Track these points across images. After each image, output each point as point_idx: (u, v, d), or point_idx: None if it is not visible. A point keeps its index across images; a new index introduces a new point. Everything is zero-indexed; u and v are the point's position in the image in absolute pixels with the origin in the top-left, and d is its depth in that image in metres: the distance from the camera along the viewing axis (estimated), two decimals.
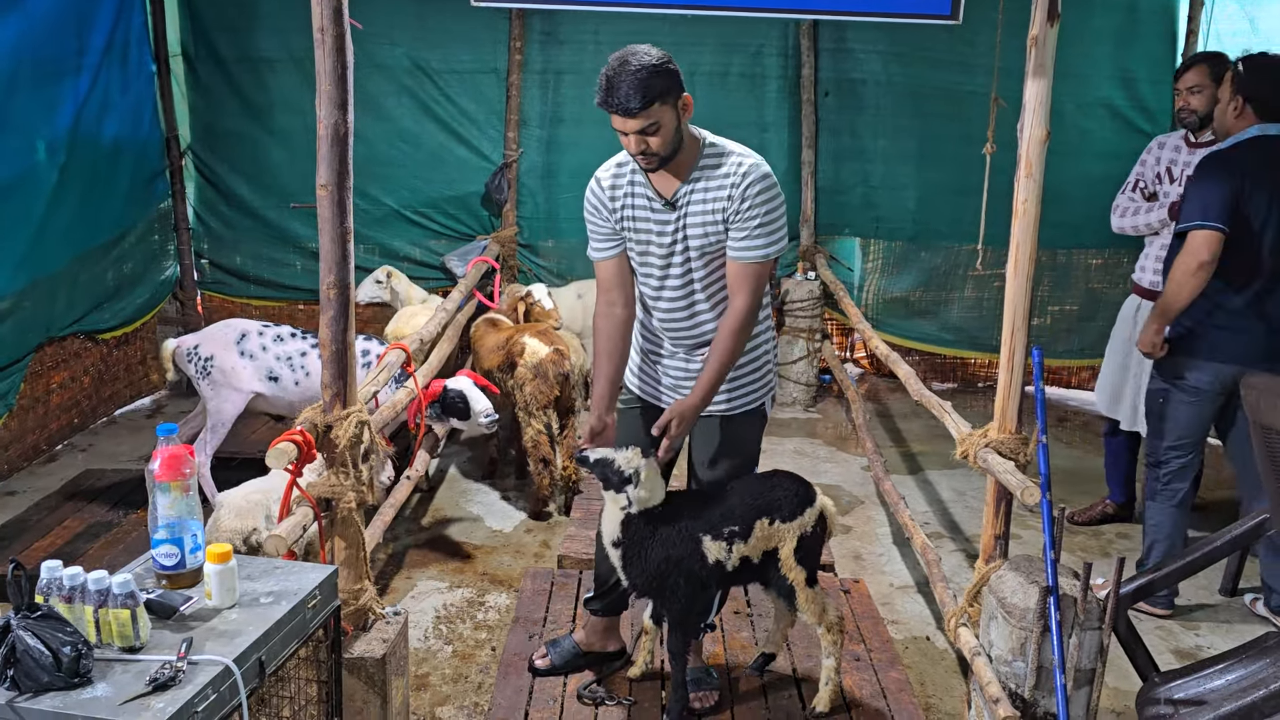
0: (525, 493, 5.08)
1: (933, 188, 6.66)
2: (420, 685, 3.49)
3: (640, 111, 2.74)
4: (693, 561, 3.00)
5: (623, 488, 2.95)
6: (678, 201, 2.95)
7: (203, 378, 4.59)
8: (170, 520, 2.29)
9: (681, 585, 3.02)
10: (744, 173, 2.88)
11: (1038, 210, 2.94)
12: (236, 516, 3.48)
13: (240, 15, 6.35)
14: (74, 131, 5.29)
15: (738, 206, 2.88)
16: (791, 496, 3.08)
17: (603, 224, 3.09)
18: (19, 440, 5.22)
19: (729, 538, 3.01)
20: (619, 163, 3.07)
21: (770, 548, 3.07)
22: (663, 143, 2.82)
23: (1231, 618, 4.07)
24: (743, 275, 2.93)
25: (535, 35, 6.56)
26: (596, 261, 3.15)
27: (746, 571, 3.09)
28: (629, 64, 2.74)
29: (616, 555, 3.05)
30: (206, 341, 4.63)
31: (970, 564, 4.43)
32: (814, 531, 3.10)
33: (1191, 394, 3.85)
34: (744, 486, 3.11)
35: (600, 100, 2.79)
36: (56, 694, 1.90)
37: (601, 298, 3.18)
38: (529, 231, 6.86)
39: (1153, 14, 6.38)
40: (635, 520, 2.99)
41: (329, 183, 2.72)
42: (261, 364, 4.60)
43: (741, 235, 2.90)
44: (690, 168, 2.93)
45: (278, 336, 4.66)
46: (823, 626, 3.16)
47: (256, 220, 6.70)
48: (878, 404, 6.73)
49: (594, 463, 3.00)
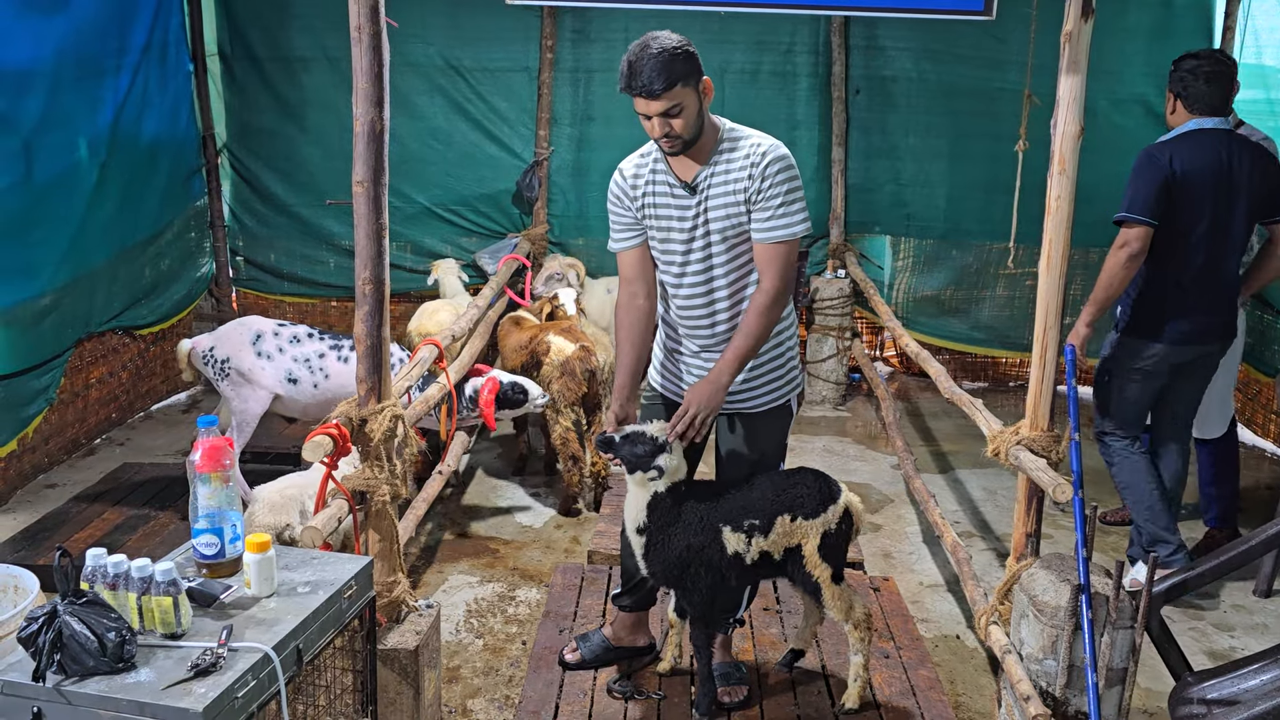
0: (555, 489, 5.12)
1: (964, 185, 6.62)
2: (452, 678, 3.53)
3: (663, 93, 2.78)
4: (712, 551, 3.01)
5: (654, 459, 2.93)
6: (698, 185, 2.97)
7: (221, 379, 4.49)
8: (210, 510, 2.33)
9: (702, 575, 3.03)
10: (763, 152, 2.92)
11: (1070, 207, 2.93)
12: (270, 512, 3.53)
13: (276, 14, 6.43)
14: (114, 130, 5.38)
15: (759, 186, 2.90)
16: (814, 494, 3.08)
17: (624, 213, 3.12)
18: (59, 434, 5.31)
19: (749, 530, 3.02)
20: (642, 153, 3.11)
21: (793, 544, 3.07)
22: (685, 125, 2.85)
23: (1267, 619, 4.03)
24: (769, 256, 2.95)
25: (567, 34, 6.59)
26: (618, 253, 3.19)
27: (767, 566, 3.10)
28: (650, 48, 2.79)
29: (640, 542, 3.05)
30: (221, 343, 4.52)
31: (1001, 562, 4.41)
32: (839, 528, 3.10)
33: (1137, 374, 4.01)
34: (767, 482, 3.11)
35: (624, 85, 2.84)
36: (101, 678, 1.95)
37: (624, 289, 3.21)
38: (560, 229, 6.90)
39: (1189, 9, 6.31)
40: (663, 500, 2.99)
41: (365, 179, 2.75)
42: (280, 365, 4.48)
43: (766, 215, 2.92)
44: (710, 152, 2.96)
45: (294, 337, 4.54)
46: (849, 623, 3.16)
47: (291, 218, 6.77)
48: (908, 402, 6.71)
49: (623, 438, 2.97)
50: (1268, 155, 3.89)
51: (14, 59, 4.64)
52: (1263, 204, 3.87)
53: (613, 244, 3.20)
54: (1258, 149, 3.87)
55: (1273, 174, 3.85)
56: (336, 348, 4.53)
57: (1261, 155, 3.86)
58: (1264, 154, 3.88)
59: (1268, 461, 5.70)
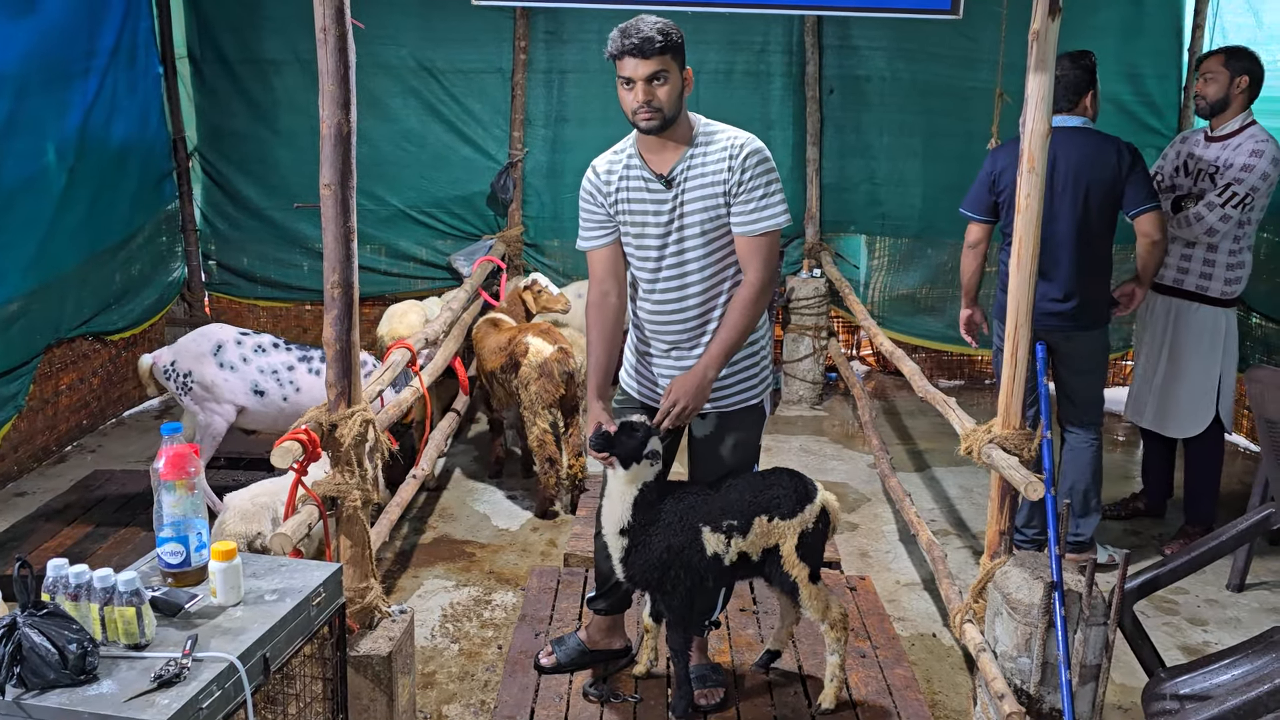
0: (531, 491, 5.09)
1: (938, 184, 6.64)
2: (427, 683, 3.50)
3: (655, 54, 2.80)
4: (692, 552, 3.00)
5: (646, 447, 2.92)
6: (674, 179, 2.96)
7: (184, 394, 4.34)
8: (175, 518, 2.30)
9: (682, 578, 3.02)
10: (741, 145, 2.93)
11: (1040, 205, 2.93)
12: (241, 520, 3.48)
13: (246, 17, 6.38)
14: (82, 134, 5.32)
15: (739, 178, 2.91)
16: (790, 494, 3.08)
17: (597, 210, 3.11)
18: (28, 441, 5.25)
19: (728, 531, 3.01)
20: (616, 150, 3.10)
21: (770, 545, 3.07)
22: (669, 98, 2.86)
23: (1239, 614, 4.06)
24: (753, 248, 2.95)
25: (540, 35, 6.57)
26: (589, 251, 3.17)
27: (745, 567, 3.09)
28: (644, 19, 2.83)
29: (620, 545, 3.03)
30: (181, 356, 4.35)
31: (976, 560, 4.42)
32: (816, 528, 3.10)
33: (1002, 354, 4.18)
34: (744, 483, 3.10)
35: (615, 46, 2.84)
36: (62, 691, 1.92)
37: (595, 288, 3.19)
38: (534, 231, 6.88)
39: (1158, 8, 6.35)
40: (649, 495, 2.98)
41: (332, 182, 2.73)
42: (245, 376, 4.33)
43: (749, 208, 2.92)
44: (686, 145, 2.96)
45: (259, 347, 4.39)
46: (826, 623, 3.16)
47: (263, 221, 6.72)
48: (884, 401, 6.72)
49: (620, 427, 2.95)
50: (1107, 151, 3.96)
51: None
52: (1105, 196, 3.98)
53: (582, 243, 3.19)
54: (1097, 145, 3.97)
55: (1109, 168, 3.95)
56: (306, 359, 4.43)
57: (1096, 150, 3.96)
58: (1100, 150, 3.97)
59: (1240, 457, 5.75)
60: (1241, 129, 4.24)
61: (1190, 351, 4.36)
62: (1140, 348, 4.59)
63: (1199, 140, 4.41)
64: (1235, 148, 4.21)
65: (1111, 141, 4.02)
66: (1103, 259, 4.14)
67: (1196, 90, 4.37)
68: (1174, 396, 4.42)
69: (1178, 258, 4.37)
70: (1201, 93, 4.33)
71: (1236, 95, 4.23)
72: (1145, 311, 4.53)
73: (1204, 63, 4.35)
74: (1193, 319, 4.35)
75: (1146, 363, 4.53)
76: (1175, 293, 4.39)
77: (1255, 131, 4.22)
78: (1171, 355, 4.41)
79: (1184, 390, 4.38)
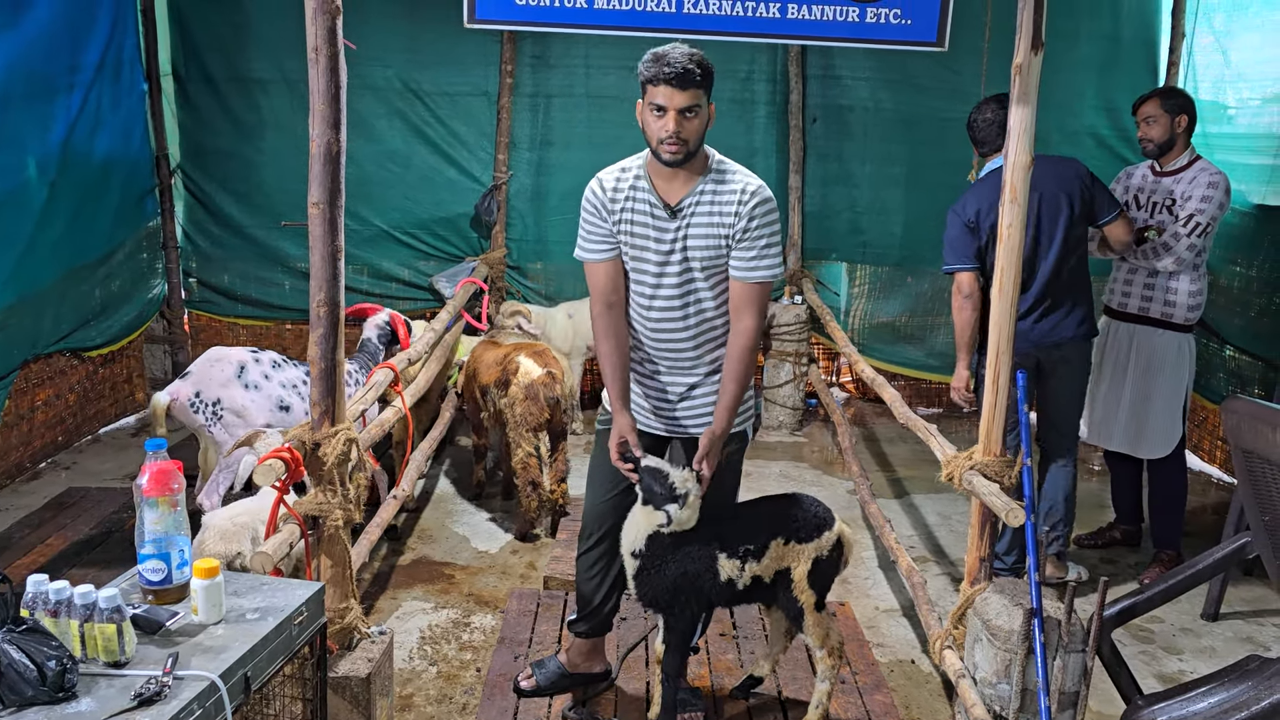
0: (512, 514, 5.07)
1: (919, 213, 6.70)
2: (405, 706, 3.47)
3: (692, 86, 2.82)
4: (706, 579, 3.01)
5: (665, 504, 2.89)
6: (681, 210, 2.97)
7: (214, 424, 4.21)
8: (157, 535, 2.29)
9: (691, 604, 3.04)
10: (753, 191, 2.95)
11: (1021, 235, 2.98)
12: (221, 540, 3.44)
13: (232, 35, 6.38)
14: (65, 149, 5.29)
15: (745, 224, 2.93)
16: (810, 519, 3.11)
17: (600, 224, 3.08)
18: (2, 458, 5.19)
19: (743, 556, 3.02)
20: (623, 168, 3.08)
21: (783, 567, 3.09)
22: (696, 131, 2.88)
23: (1214, 642, 4.09)
24: (748, 296, 2.97)
25: (526, 59, 6.61)
26: (588, 264, 3.11)
27: (757, 590, 3.11)
28: (680, 48, 2.84)
29: (633, 565, 3.04)
30: (205, 385, 4.25)
31: (955, 587, 4.44)
32: (830, 556, 3.12)
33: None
34: (762, 505, 3.15)
35: (651, 72, 2.83)
36: (40, 708, 1.90)
37: (598, 301, 3.12)
38: (518, 253, 6.89)
39: (1135, 45, 6.47)
40: (662, 539, 2.98)
41: (321, 201, 2.74)
42: (269, 393, 4.28)
43: (750, 255, 2.94)
44: (698, 177, 2.97)
45: (274, 362, 4.37)
46: (824, 649, 3.18)
47: (245, 239, 6.70)
48: (864, 428, 6.76)
49: (644, 469, 2.93)
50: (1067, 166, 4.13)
51: None
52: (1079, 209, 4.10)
53: (582, 253, 3.12)
54: (1056, 168, 4.10)
55: (1072, 184, 4.09)
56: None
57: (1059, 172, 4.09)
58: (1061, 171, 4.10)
59: (1214, 487, 5.81)
60: (1190, 163, 4.39)
61: (1157, 374, 4.46)
62: (1102, 373, 4.65)
63: (1146, 175, 4.54)
64: (1190, 180, 4.34)
65: (1068, 161, 4.18)
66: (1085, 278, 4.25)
67: (1140, 135, 4.48)
68: (1145, 418, 4.49)
69: (1140, 286, 4.48)
70: (1146, 136, 4.44)
71: (1180, 134, 4.36)
72: (1105, 337, 4.61)
73: (1141, 106, 4.46)
74: (1158, 343, 4.45)
75: (1110, 388, 4.60)
76: (1139, 319, 4.49)
77: (1205, 165, 4.38)
78: (1139, 379, 4.49)
79: (1155, 412, 4.47)
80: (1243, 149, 5.68)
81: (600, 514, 3.29)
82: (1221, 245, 5.63)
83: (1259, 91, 5.63)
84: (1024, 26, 2.83)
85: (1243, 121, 5.79)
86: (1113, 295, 4.62)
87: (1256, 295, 5.54)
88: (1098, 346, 4.70)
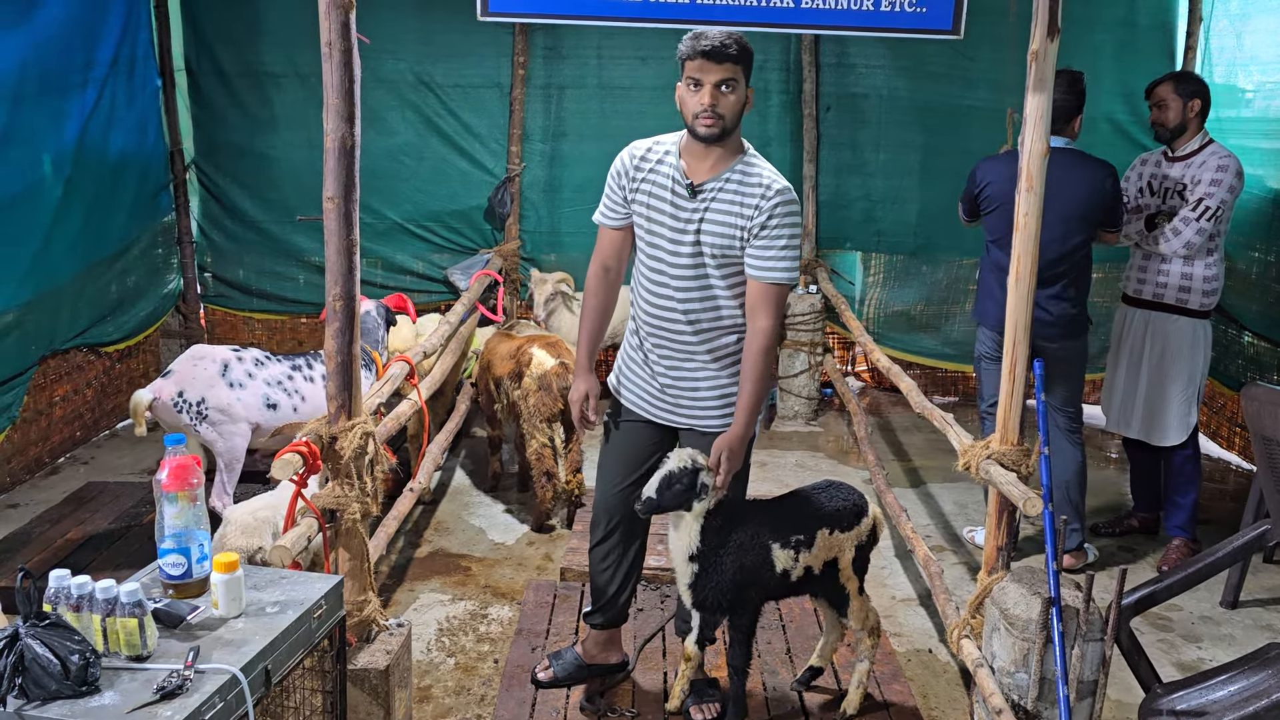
0: (528, 506, 5.09)
1: (934, 202, 6.67)
2: (423, 697, 3.49)
3: (729, 60, 2.83)
4: (764, 570, 3.04)
5: (695, 485, 2.92)
6: (703, 192, 2.97)
7: (199, 423, 4.17)
8: (177, 530, 2.30)
9: (753, 596, 3.07)
10: (778, 190, 2.93)
11: (1038, 223, 2.96)
12: (243, 534, 3.47)
13: (244, 30, 6.39)
14: (80, 145, 5.32)
15: (764, 221, 2.91)
16: (850, 507, 3.16)
17: (618, 190, 3.12)
18: (21, 453, 5.23)
19: (795, 546, 3.06)
20: (658, 140, 3.10)
21: (830, 558, 3.13)
22: (732, 108, 2.88)
23: (1234, 630, 4.07)
24: (765, 296, 2.95)
25: (539, 50, 6.60)
26: (601, 226, 3.19)
27: (808, 581, 3.14)
28: (719, 27, 2.88)
29: (690, 571, 3.03)
30: (189, 384, 4.17)
31: (972, 576, 4.43)
32: (867, 541, 3.20)
33: (986, 359, 4.41)
34: (802, 496, 3.18)
35: (688, 48, 2.87)
36: (64, 702, 1.91)
37: (596, 261, 3.22)
38: (531, 245, 6.89)
39: (1152, 30, 6.41)
40: (714, 520, 2.98)
41: (336, 195, 2.74)
42: (255, 391, 4.25)
43: (768, 254, 2.92)
44: (728, 163, 2.97)
45: (257, 360, 4.33)
46: (865, 631, 3.25)
47: (260, 234, 6.72)
48: (879, 417, 6.74)
49: (659, 490, 2.93)
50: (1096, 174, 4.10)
51: None
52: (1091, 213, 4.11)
53: (600, 216, 3.19)
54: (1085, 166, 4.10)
55: (1100, 192, 4.09)
56: (297, 369, 4.43)
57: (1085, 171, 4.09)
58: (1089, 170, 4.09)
59: (1233, 474, 5.77)
60: (1202, 147, 4.36)
61: (1173, 361, 4.44)
62: (1118, 360, 4.63)
63: (1160, 160, 4.53)
64: (1200, 164, 4.32)
65: (1102, 165, 4.13)
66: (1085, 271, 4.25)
67: (1152, 119, 4.47)
68: (1161, 406, 4.47)
69: (1155, 272, 4.45)
70: (1159, 120, 4.43)
71: (1192, 118, 4.35)
72: (1121, 324, 4.61)
73: (1155, 90, 4.44)
74: (1173, 329, 4.43)
75: (1127, 375, 4.59)
76: (1154, 306, 4.47)
77: (1216, 148, 4.35)
78: (1154, 365, 4.48)
79: (1170, 399, 4.45)
80: (1256, 133, 5.63)
81: (610, 506, 3.30)
82: (1239, 230, 5.58)
83: (1274, 75, 5.57)
84: (1040, 13, 2.81)
85: (1258, 105, 5.73)
86: (1128, 282, 4.60)
87: (1275, 281, 5.50)
88: (1114, 334, 4.69)
